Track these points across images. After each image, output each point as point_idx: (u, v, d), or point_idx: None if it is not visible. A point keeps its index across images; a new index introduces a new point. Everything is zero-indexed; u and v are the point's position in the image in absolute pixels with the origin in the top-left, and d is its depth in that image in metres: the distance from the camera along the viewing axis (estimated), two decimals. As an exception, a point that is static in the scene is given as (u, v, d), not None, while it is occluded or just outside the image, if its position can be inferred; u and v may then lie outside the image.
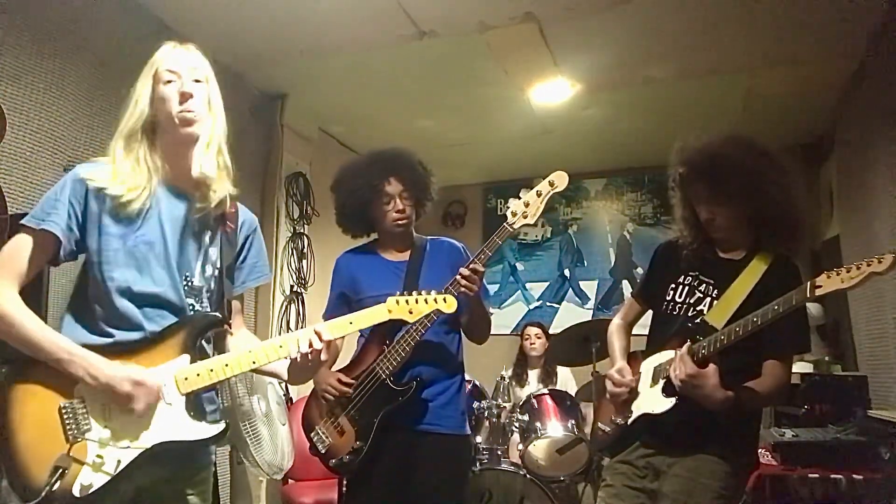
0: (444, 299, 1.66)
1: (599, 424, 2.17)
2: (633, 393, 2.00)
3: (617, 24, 3.28)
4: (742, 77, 3.89)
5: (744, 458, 1.89)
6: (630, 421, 1.98)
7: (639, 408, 1.99)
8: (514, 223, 1.99)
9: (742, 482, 1.93)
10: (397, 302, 1.63)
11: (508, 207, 2.01)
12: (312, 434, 2.22)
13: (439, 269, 2.15)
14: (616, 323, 2.24)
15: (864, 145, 3.48)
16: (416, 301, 1.63)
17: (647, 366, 2.04)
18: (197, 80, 1.51)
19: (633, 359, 2.11)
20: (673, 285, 2.05)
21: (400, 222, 2.23)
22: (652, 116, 4.35)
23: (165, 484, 1.46)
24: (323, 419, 2.20)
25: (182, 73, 1.50)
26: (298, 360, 1.49)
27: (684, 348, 1.79)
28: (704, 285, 1.99)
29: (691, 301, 1.99)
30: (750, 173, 1.86)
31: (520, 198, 2.01)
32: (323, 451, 2.18)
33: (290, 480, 3.62)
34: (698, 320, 1.92)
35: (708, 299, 1.96)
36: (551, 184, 1.99)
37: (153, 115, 1.49)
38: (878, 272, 1.60)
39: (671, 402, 1.86)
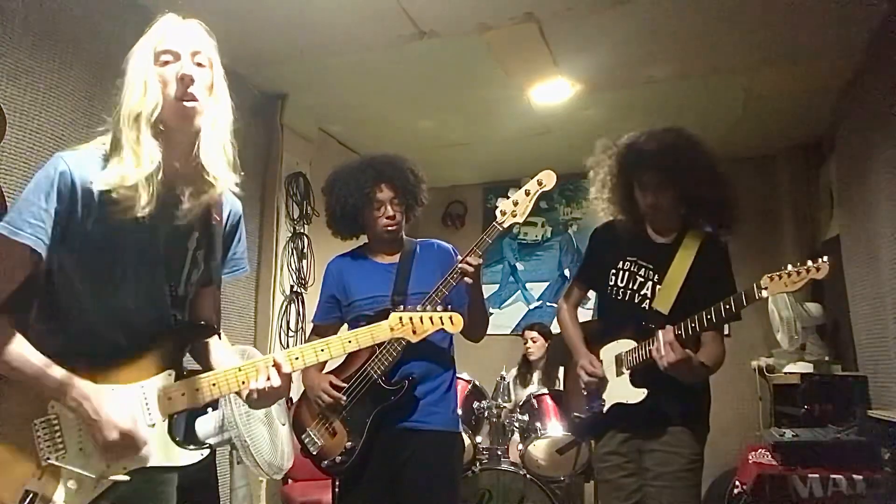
0: (451, 319, 1.56)
1: (574, 413, 2.30)
2: (603, 381, 2.15)
3: (617, 24, 3.28)
4: (742, 77, 3.89)
5: (704, 427, 2.13)
6: (605, 409, 2.14)
7: (611, 397, 2.15)
8: (503, 222, 2.03)
9: (703, 446, 2.12)
10: (401, 320, 1.51)
11: (497, 206, 2.05)
12: (304, 436, 2.23)
13: (430, 271, 2.18)
14: (565, 308, 2.40)
15: (864, 145, 3.48)
16: (422, 320, 1.52)
17: (607, 354, 2.19)
18: (199, 64, 1.34)
19: (589, 345, 2.26)
20: (613, 270, 2.21)
21: (390, 228, 2.24)
22: (652, 116, 4.32)
23: (140, 492, 1.35)
24: (314, 421, 2.21)
25: (182, 53, 1.32)
26: (254, 394, 1.36)
27: (670, 336, 1.93)
28: (644, 270, 2.16)
29: (634, 287, 2.17)
30: (694, 159, 2.08)
31: (508, 197, 2.05)
32: (315, 453, 2.19)
33: (290, 480, 3.62)
34: (645, 306, 2.12)
35: (650, 283, 2.14)
36: (539, 183, 2.03)
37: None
38: (816, 278, 1.79)
39: (643, 392, 2.06)
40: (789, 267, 1.80)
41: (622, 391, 2.11)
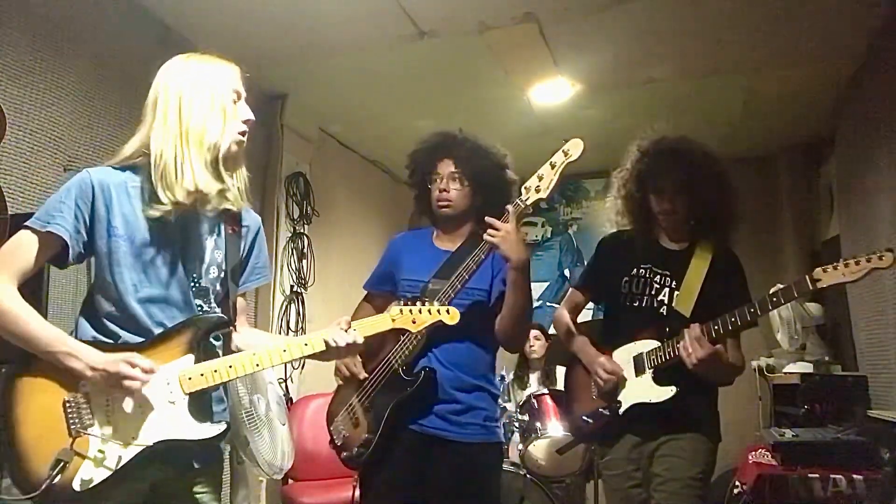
0: (448, 311, 1.70)
1: (583, 416, 2.21)
2: (621, 382, 2.09)
3: (617, 24, 3.28)
4: (742, 77, 3.89)
5: (717, 434, 2.09)
6: (622, 411, 2.08)
7: (628, 398, 2.08)
8: (526, 199, 1.89)
9: (715, 456, 2.08)
10: (401, 311, 1.67)
11: (524, 184, 1.91)
12: (332, 427, 2.20)
13: (484, 265, 2.01)
14: (566, 315, 2.33)
15: (864, 145, 3.48)
16: (420, 311, 1.69)
17: (623, 356, 2.13)
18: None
19: (597, 347, 2.21)
20: (626, 278, 2.18)
21: (440, 204, 2.12)
22: (652, 116, 4.33)
23: (175, 481, 1.48)
24: (342, 410, 2.18)
25: (244, 95, 1.60)
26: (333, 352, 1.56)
27: (696, 332, 1.90)
28: (660, 276, 2.14)
29: (651, 292, 2.14)
30: (711, 168, 2.09)
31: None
32: (339, 444, 2.15)
33: (290, 480, 3.62)
34: (663, 311, 2.09)
35: (667, 289, 2.12)
36: (566, 153, 1.87)
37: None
38: (880, 268, 1.72)
39: (671, 390, 1.99)
40: (840, 261, 1.75)
41: (644, 390, 2.04)
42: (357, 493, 2.26)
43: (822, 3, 3.07)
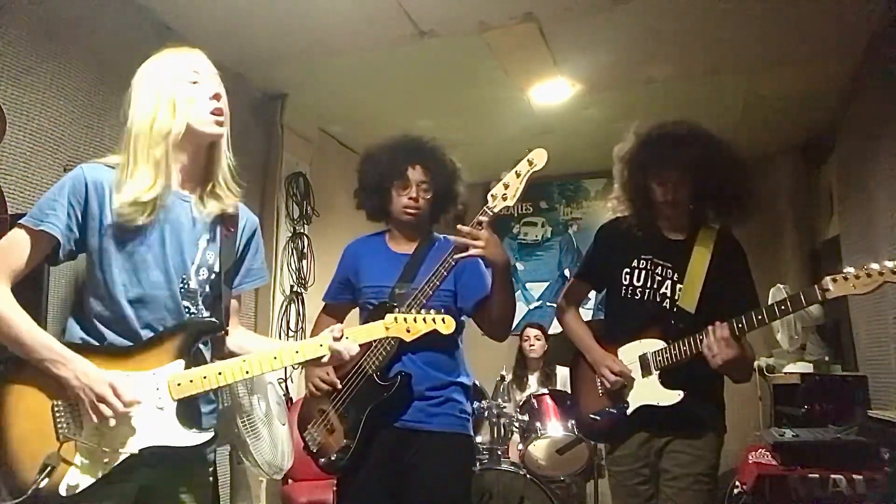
0: (444, 320, 1.69)
1: (590, 414, 2.20)
2: (629, 383, 2.07)
3: (617, 24, 3.28)
4: (742, 77, 3.89)
5: (724, 427, 2.08)
6: (630, 412, 2.06)
7: (636, 399, 2.07)
8: (494, 206, 1.92)
9: (721, 448, 2.07)
10: (395, 320, 1.64)
11: (490, 191, 1.95)
12: (305, 433, 2.20)
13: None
14: (568, 308, 2.30)
15: (864, 145, 3.48)
16: (415, 320, 1.66)
17: (629, 354, 2.10)
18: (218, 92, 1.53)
19: (601, 345, 2.18)
20: (627, 269, 2.14)
21: (409, 211, 2.13)
22: (652, 116, 4.32)
23: (162, 485, 1.47)
24: (314, 417, 2.18)
25: (204, 76, 1.51)
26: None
27: (725, 332, 1.87)
28: (661, 268, 2.10)
29: (653, 286, 2.10)
30: (715, 152, 2.04)
31: (500, 179, 1.96)
32: (315, 451, 2.16)
33: (290, 480, 3.62)
34: (666, 306, 2.06)
35: (668, 282, 2.08)
36: (530, 163, 1.94)
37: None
38: (893, 281, 1.67)
39: (678, 394, 1.97)
40: (850, 269, 1.71)
41: (651, 393, 2.03)
42: (336, 496, 2.25)
43: (821, 3, 3.07)
